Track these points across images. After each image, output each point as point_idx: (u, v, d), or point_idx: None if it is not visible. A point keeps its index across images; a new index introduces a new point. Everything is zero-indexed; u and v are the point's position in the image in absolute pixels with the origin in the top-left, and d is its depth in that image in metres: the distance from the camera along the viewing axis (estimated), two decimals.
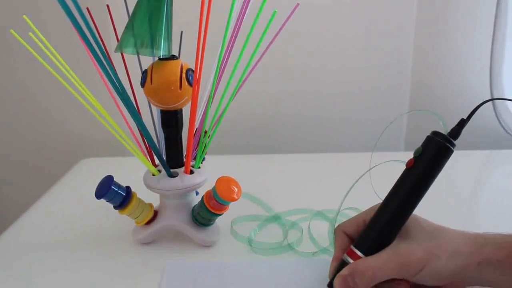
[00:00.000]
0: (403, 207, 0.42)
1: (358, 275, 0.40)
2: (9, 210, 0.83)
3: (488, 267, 0.41)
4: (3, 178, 1.08)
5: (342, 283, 0.40)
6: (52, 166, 0.99)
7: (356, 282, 0.40)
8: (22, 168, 1.07)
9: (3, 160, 1.07)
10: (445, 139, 0.40)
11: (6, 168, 1.07)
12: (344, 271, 0.41)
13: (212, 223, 0.55)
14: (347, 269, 0.41)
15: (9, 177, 1.08)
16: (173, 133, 0.53)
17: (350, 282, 0.40)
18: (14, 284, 0.49)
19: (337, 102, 1.00)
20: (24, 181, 1.07)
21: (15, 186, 1.09)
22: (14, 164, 1.07)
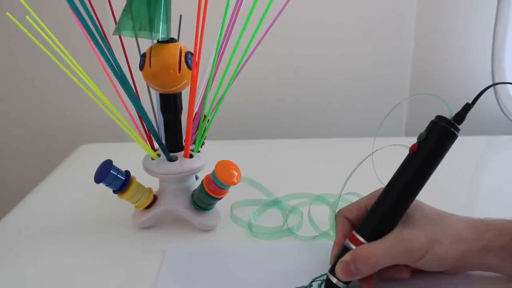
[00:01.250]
0: (406, 193, 0.41)
1: (360, 261, 0.40)
2: (9, 196, 0.82)
3: (490, 252, 0.41)
4: (2, 165, 1.08)
5: (344, 269, 0.40)
6: (51, 152, 0.99)
7: (359, 268, 0.40)
8: (21, 155, 1.07)
9: (1, 147, 1.06)
10: (449, 124, 0.40)
11: (5, 154, 1.07)
12: (346, 257, 0.41)
13: (211, 207, 0.54)
14: (349, 255, 0.41)
15: (8, 163, 1.08)
16: (172, 117, 0.53)
17: (353, 268, 0.40)
18: (14, 269, 0.49)
19: (337, 88, 0.99)
20: (23, 167, 1.07)
21: (14, 173, 1.08)
22: (13, 150, 1.06)
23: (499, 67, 0.89)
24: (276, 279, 0.45)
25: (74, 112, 1.02)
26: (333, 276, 0.42)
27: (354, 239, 0.42)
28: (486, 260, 0.42)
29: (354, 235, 0.42)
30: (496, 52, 0.89)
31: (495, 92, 0.93)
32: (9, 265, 0.49)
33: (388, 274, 0.43)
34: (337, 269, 0.41)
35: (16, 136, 1.05)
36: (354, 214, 0.46)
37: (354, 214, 0.46)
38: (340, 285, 0.41)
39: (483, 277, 0.44)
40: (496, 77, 0.89)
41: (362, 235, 0.42)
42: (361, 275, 0.40)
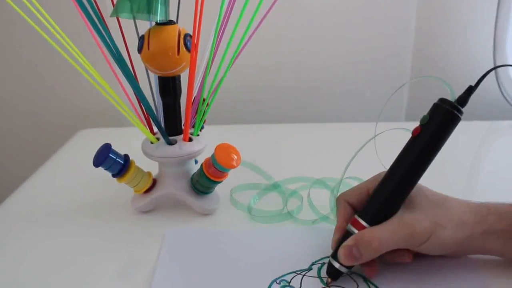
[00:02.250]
0: (409, 176, 0.41)
1: (363, 245, 0.39)
2: (7, 182, 0.82)
3: (491, 236, 0.41)
4: (1, 150, 1.08)
5: (347, 253, 0.40)
6: (50, 138, 0.99)
7: (361, 252, 0.39)
8: (20, 140, 1.06)
9: (0, 132, 1.06)
10: (453, 106, 0.39)
11: (4, 140, 1.06)
12: (349, 241, 0.40)
13: (211, 191, 0.54)
14: (352, 239, 0.40)
15: (7, 149, 1.07)
16: (171, 100, 0.53)
17: (355, 252, 0.40)
18: (14, 252, 0.49)
19: (337, 73, 0.99)
20: (21, 153, 1.07)
21: (13, 158, 1.08)
22: (11, 135, 1.06)
23: (501, 52, 0.88)
24: (275, 263, 0.45)
25: (73, 97, 1.01)
26: (335, 261, 0.41)
27: (356, 224, 0.42)
28: (487, 244, 0.42)
29: (356, 219, 0.42)
30: (498, 36, 0.88)
31: (496, 77, 0.92)
32: (9, 248, 0.49)
33: (390, 259, 0.42)
34: (339, 253, 0.40)
35: (14, 122, 1.05)
36: (355, 198, 0.45)
37: (356, 198, 0.45)
38: (343, 270, 0.41)
39: (484, 261, 0.44)
40: (498, 61, 0.89)
41: (364, 219, 0.41)
42: (363, 260, 0.40)
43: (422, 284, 0.42)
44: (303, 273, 0.44)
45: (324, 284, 0.42)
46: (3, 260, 0.48)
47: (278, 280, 0.43)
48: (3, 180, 1.02)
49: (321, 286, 0.42)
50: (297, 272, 0.44)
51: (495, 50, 0.88)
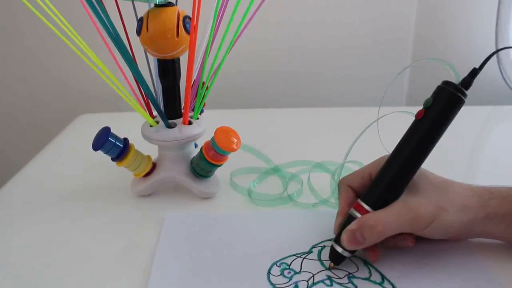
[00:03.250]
0: (413, 160, 0.40)
1: (367, 230, 0.39)
2: (7, 167, 0.82)
3: (493, 220, 0.41)
4: (0, 135, 1.07)
5: (350, 238, 0.40)
6: (49, 122, 0.98)
7: (365, 236, 0.39)
8: (19, 125, 1.06)
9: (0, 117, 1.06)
10: (456, 89, 0.39)
11: (3, 124, 1.06)
12: (352, 226, 0.40)
13: (211, 174, 0.54)
14: (355, 224, 0.40)
15: (6, 134, 1.07)
16: (171, 83, 0.52)
17: (359, 236, 0.39)
18: (14, 236, 0.49)
19: (337, 56, 0.98)
20: (21, 137, 1.07)
21: (12, 142, 1.08)
22: (10, 120, 1.06)
23: (503, 35, 0.87)
24: (275, 246, 0.45)
25: (73, 81, 1.01)
26: (338, 246, 0.41)
27: (359, 208, 0.41)
28: (489, 227, 0.42)
29: (359, 203, 0.42)
30: (500, 19, 0.87)
31: (498, 62, 0.91)
32: (8, 232, 0.49)
33: (392, 243, 0.42)
34: (342, 238, 0.40)
35: (14, 106, 1.04)
36: (357, 183, 0.45)
37: (358, 182, 0.45)
38: (346, 254, 0.41)
39: (484, 245, 0.44)
40: (500, 45, 0.88)
41: (367, 204, 0.41)
42: (367, 244, 0.40)
43: (423, 267, 0.42)
44: (303, 256, 0.44)
45: (324, 267, 0.42)
46: (3, 243, 0.47)
47: (279, 263, 0.43)
48: (2, 165, 1.02)
49: (321, 269, 0.42)
50: (297, 255, 0.44)
51: (497, 34, 0.88)
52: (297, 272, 0.41)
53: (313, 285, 0.40)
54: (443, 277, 0.41)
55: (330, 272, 0.42)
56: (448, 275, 0.41)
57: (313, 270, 0.42)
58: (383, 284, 0.40)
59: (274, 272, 0.41)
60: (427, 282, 0.40)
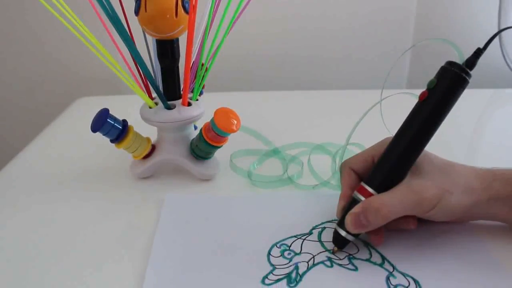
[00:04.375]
0: (417, 142, 0.40)
1: (372, 213, 0.39)
2: (5, 150, 0.82)
3: (497, 202, 0.41)
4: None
5: (354, 221, 0.39)
6: (48, 105, 0.98)
7: (370, 220, 0.39)
8: (18, 108, 1.06)
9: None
10: (461, 69, 0.38)
11: (2, 108, 1.06)
12: (356, 209, 0.39)
13: (211, 156, 0.54)
14: (359, 207, 0.39)
15: (3, 117, 1.07)
16: (170, 64, 0.52)
17: (363, 220, 0.39)
18: (12, 221, 0.48)
19: (337, 38, 0.97)
20: (18, 121, 1.06)
21: (11, 126, 1.07)
22: (7, 104, 1.05)
23: (506, 16, 0.86)
24: (276, 227, 0.45)
25: (71, 64, 1.00)
26: (341, 229, 0.41)
27: (363, 191, 0.41)
28: (493, 209, 0.41)
29: (363, 186, 0.41)
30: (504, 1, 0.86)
31: (500, 44, 0.91)
32: (7, 216, 0.49)
33: (394, 226, 0.42)
34: (346, 221, 0.40)
35: (13, 89, 1.04)
36: (360, 165, 0.44)
37: (360, 165, 0.44)
38: (349, 238, 0.41)
39: (487, 227, 0.44)
40: (502, 25, 0.87)
41: (371, 186, 0.40)
42: (371, 227, 0.39)
43: (423, 249, 0.42)
44: (303, 237, 0.44)
45: (324, 248, 0.42)
46: (2, 227, 0.47)
47: (279, 244, 0.43)
48: (1, 148, 1.01)
49: (321, 250, 0.42)
50: (298, 237, 0.44)
51: (500, 14, 0.87)
52: (297, 253, 0.41)
53: (313, 266, 0.40)
54: (443, 258, 0.41)
55: (330, 253, 0.41)
56: (449, 257, 0.41)
57: (314, 251, 0.42)
58: (384, 265, 0.40)
59: (274, 253, 0.41)
60: (427, 263, 0.40)
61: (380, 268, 0.39)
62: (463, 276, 0.38)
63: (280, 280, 0.38)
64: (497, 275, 0.38)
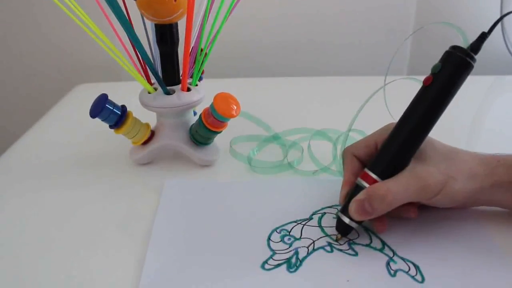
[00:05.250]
0: (421, 127, 0.39)
1: (376, 200, 0.38)
2: (4, 137, 0.82)
3: (500, 189, 0.40)
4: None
5: (358, 208, 0.39)
6: (46, 92, 0.97)
7: (374, 207, 0.38)
8: (15, 95, 1.05)
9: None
10: (465, 54, 0.38)
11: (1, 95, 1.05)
12: (360, 196, 0.39)
13: (210, 141, 0.53)
14: (364, 194, 0.39)
15: (2, 104, 1.06)
16: (169, 49, 0.51)
17: (368, 207, 0.38)
18: (11, 207, 0.48)
19: (337, 23, 0.97)
20: (17, 108, 1.06)
21: (8, 113, 1.07)
22: (6, 90, 1.05)
23: (508, 2, 0.86)
24: (276, 212, 0.45)
25: (71, 50, 1.00)
26: (345, 216, 0.40)
27: (366, 177, 0.40)
28: (496, 196, 0.41)
29: (366, 173, 0.41)
30: None
31: (502, 30, 0.90)
32: (6, 202, 0.49)
33: (396, 214, 0.41)
34: (350, 208, 0.39)
35: (11, 75, 1.03)
36: (363, 152, 0.44)
37: (363, 151, 0.44)
38: (353, 225, 0.40)
39: (488, 213, 0.44)
40: (505, 9, 0.86)
41: (375, 173, 0.40)
42: (376, 214, 0.39)
43: (423, 234, 0.42)
44: (303, 222, 0.43)
45: (325, 233, 0.42)
46: (1, 213, 0.47)
47: (279, 230, 0.42)
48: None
49: (321, 235, 0.42)
50: (298, 222, 0.44)
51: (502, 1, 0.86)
52: (297, 239, 0.41)
53: (313, 251, 0.40)
54: (443, 243, 0.41)
55: (330, 238, 0.41)
56: (449, 242, 0.41)
57: (314, 236, 0.42)
58: (384, 250, 0.40)
59: (274, 238, 0.41)
60: (428, 248, 0.40)
61: (380, 253, 0.39)
62: (463, 261, 0.38)
63: (280, 265, 0.38)
64: (496, 260, 0.38)
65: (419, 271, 0.37)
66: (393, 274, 0.37)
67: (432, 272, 0.37)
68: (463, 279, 0.36)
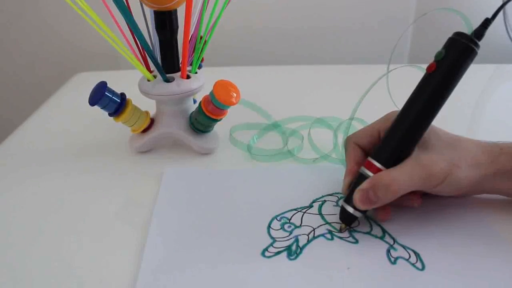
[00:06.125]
0: (426, 114, 0.39)
1: (381, 189, 0.38)
2: (3, 125, 0.81)
3: (503, 176, 0.40)
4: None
5: (363, 197, 0.38)
6: (45, 81, 0.97)
7: (379, 196, 0.38)
8: (14, 84, 1.05)
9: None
10: (469, 40, 0.37)
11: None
12: (365, 185, 0.38)
13: (210, 129, 0.53)
14: (368, 183, 0.38)
15: (1, 92, 1.06)
16: (168, 36, 0.51)
17: (372, 196, 0.38)
18: (12, 194, 0.48)
19: (337, 10, 0.96)
20: (16, 97, 1.06)
21: (7, 102, 1.07)
22: (6, 79, 1.04)
23: None
24: (276, 200, 0.45)
25: (70, 38, 0.99)
26: (348, 206, 0.40)
27: (370, 166, 0.40)
28: (498, 183, 0.41)
29: (370, 161, 0.40)
30: None
31: (504, 18, 0.89)
32: (5, 190, 0.49)
33: (399, 203, 0.41)
34: (355, 198, 0.39)
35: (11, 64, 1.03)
36: (365, 140, 0.43)
37: (366, 140, 0.43)
38: (357, 214, 0.40)
39: (489, 201, 0.44)
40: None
41: (379, 161, 0.39)
42: (380, 203, 0.38)
43: (424, 222, 0.42)
44: (303, 210, 0.43)
45: (325, 221, 0.42)
46: (1, 200, 0.47)
47: (279, 217, 0.42)
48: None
49: (322, 223, 0.42)
50: (298, 210, 0.43)
51: None
52: (297, 226, 0.41)
53: (314, 239, 0.40)
54: (443, 231, 0.40)
55: (330, 226, 0.41)
56: (449, 229, 0.41)
57: (314, 224, 0.41)
58: (384, 238, 0.40)
59: (274, 226, 0.41)
60: (428, 236, 0.40)
61: (380, 241, 0.39)
62: (463, 248, 0.38)
63: (280, 253, 0.38)
64: (497, 248, 0.38)
65: (419, 259, 0.37)
66: (394, 262, 0.37)
67: (433, 259, 0.37)
68: (464, 267, 0.36)
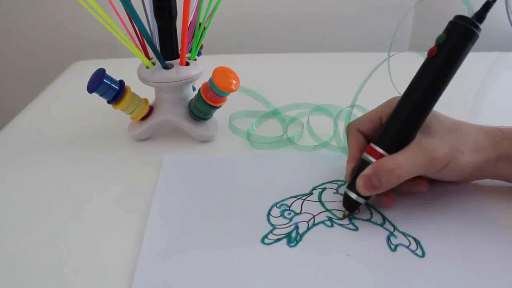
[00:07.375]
0: (428, 99, 0.39)
1: (385, 174, 0.37)
2: (1, 114, 0.81)
3: (505, 161, 0.40)
4: None
5: (366, 183, 0.38)
6: (44, 69, 0.97)
7: (382, 181, 0.38)
8: (13, 71, 1.04)
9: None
10: (470, 23, 0.37)
11: None
12: (368, 171, 0.38)
13: (209, 117, 0.53)
14: (371, 168, 0.38)
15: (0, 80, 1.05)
16: (167, 23, 0.50)
17: (375, 181, 0.38)
18: (11, 183, 0.48)
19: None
20: (15, 84, 1.05)
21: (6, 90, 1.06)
22: (5, 66, 1.04)
23: None
24: (276, 187, 0.45)
25: (70, 25, 0.98)
26: (352, 192, 0.40)
27: (373, 152, 0.40)
28: (500, 168, 0.41)
29: (372, 147, 0.40)
30: None
31: (506, 5, 0.88)
32: (5, 177, 0.49)
33: (406, 189, 0.41)
34: (358, 183, 0.39)
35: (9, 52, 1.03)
36: (367, 127, 0.43)
37: (368, 126, 0.43)
38: (360, 200, 0.40)
39: (489, 187, 0.44)
40: None
41: (381, 147, 0.39)
42: (383, 189, 0.38)
43: (424, 209, 0.42)
44: (303, 197, 0.43)
45: (325, 208, 0.42)
46: (1, 187, 0.47)
47: (279, 205, 0.42)
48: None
49: (322, 210, 0.41)
50: (298, 197, 0.43)
51: None
52: (297, 213, 0.41)
53: (314, 226, 0.39)
54: (444, 218, 0.40)
55: (330, 213, 0.41)
56: (449, 216, 0.40)
57: (314, 211, 0.41)
58: (384, 225, 0.40)
59: (274, 213, 0.41)
60: (428, 223, 0.40)
61: (381, 228, 0.39)
62: (464, 235, 0.38)
63: (280, 240, 0.38)
64: (497, 234, 0.38)
65: (419, 246, 0.37)
66: (394, 249, 0.37)
67: (433, 246, 0.37)
68: (464, 254, 0.36)
